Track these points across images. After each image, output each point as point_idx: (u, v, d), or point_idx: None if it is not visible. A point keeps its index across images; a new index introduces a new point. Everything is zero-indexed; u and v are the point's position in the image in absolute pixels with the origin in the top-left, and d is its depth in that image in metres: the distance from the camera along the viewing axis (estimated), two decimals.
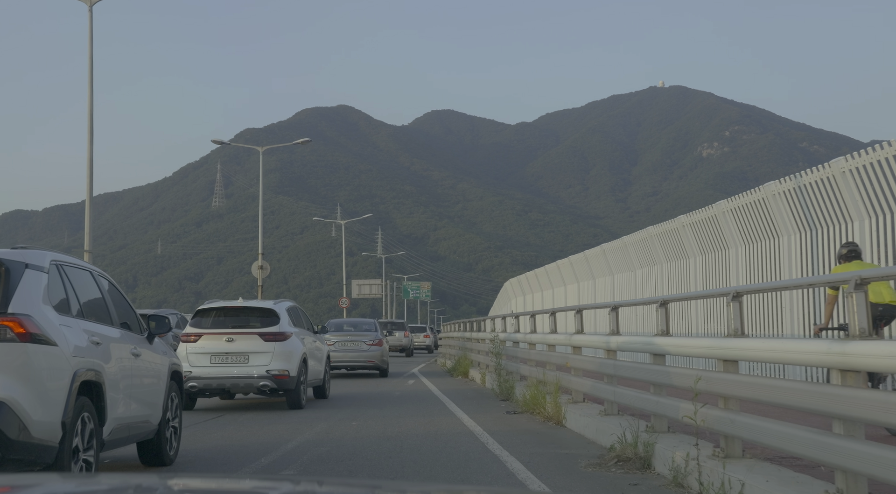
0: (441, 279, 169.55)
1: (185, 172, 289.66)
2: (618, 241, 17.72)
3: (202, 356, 11.76)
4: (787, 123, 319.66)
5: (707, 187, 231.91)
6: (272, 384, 11.65)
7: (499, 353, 13.84)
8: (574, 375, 9.54)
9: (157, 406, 6.81)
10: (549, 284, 25.31)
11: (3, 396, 4.81)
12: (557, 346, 10.79)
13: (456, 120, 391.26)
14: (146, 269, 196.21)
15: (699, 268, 14.23)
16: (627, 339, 7.63)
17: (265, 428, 9.63)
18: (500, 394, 13.24)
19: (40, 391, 5.01)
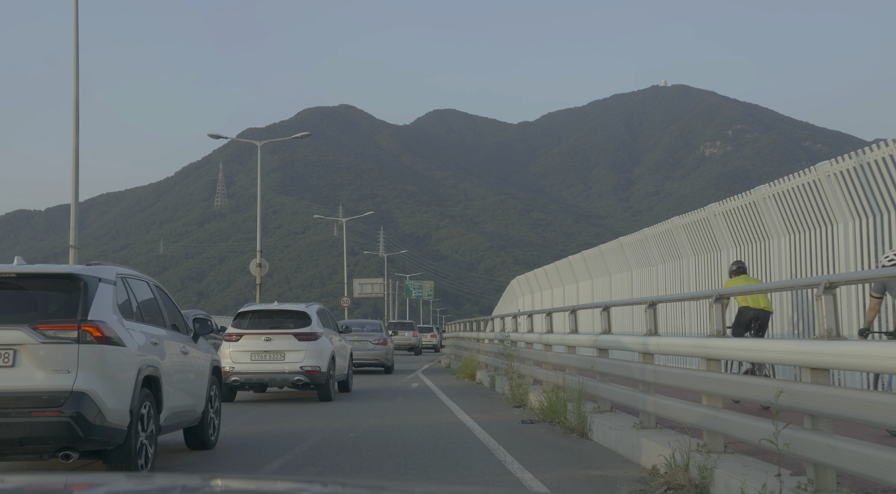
0: (443, 279, 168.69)
1: (187, 172, 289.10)
2: (638, 234, 16.51)
3: (243, 353, 13.21)
4: (790, 121, 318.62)
5: (710, 186, 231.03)
6: (305, 378, 13.09)
7: (510, 355, 12.80)
8: (600, 381, 8.52)
9: (201, 397, 7.84)
10: (560, 281, 24.06)
11: (84, 388, 5.75)
12: (578, 348, 9.88)
13: (458, 119, 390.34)
14: (148, 269, 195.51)
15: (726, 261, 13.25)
16: (672, 341, 6.61)
17: (302, 418, 10.94)
18: (512, 400, 12.27)
19: (113, 384, 5.94)
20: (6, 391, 5.72)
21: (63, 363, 5.83)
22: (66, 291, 6.06)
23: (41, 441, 5.73)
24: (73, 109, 18.47)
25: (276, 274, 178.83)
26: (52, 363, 5.82)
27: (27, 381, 5.78)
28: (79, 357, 5.85)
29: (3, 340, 5.79)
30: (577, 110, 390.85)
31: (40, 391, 5.76)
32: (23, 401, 5.72)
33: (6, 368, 5.78)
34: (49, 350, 5.82)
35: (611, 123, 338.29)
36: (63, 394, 5.77)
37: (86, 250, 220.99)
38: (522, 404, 11.61)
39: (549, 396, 9.49)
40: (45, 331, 5.85)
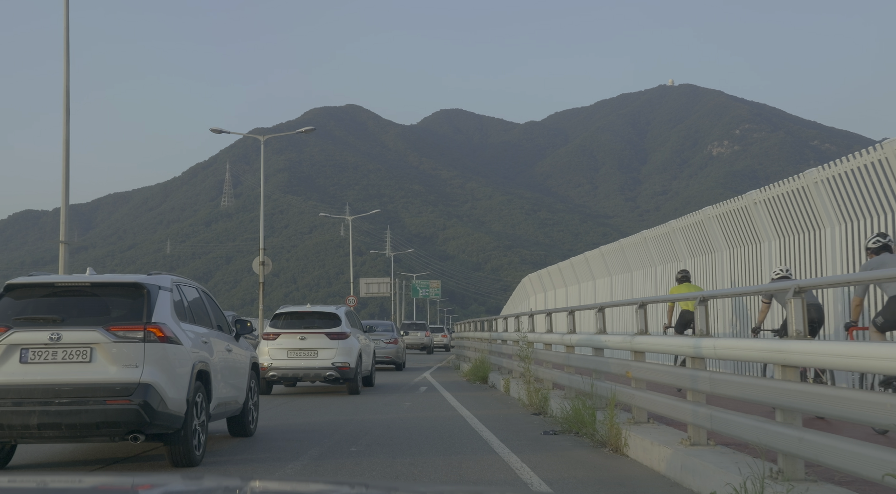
0: (450, 279, 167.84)
1: (194, 172, 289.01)
2: (664, 226, 15.53)
3: (280, 350, 14.61)
4: (798, 121, 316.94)
5: (717, 185, 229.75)
6: (336, 373, 14.51)
7: (527, 357, 11.75)
8: (635, 388, 7.48)
9: (242, 390, 8.80)
10: (575, 278, 22.89)
11: (150, 380, 6.63)
12: (607, 350, 8.84)
13: (464, 119, 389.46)
14: (155, 268, 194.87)
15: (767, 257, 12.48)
16: (733, 343, 5.63)
17: (334, 409, 12.25)
18: (529, 406, 11.37)
19: (172, 377, 6.82)
20: (85, 383, 6.63)
21: (131, 359, 6.73)
22: (132, 297, 7.02)
23: (114, 426, 6.62)
24: (62, 101, 17.69)
25: (282, 274, 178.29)
26: (123, 359, 6.72)
27: (102, 374, 6.68)
28: (144, 354, 6.76)
29: (82, 339, 6.70)
30: (584, 110, 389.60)
31: (113, 383, 6.66)
32: (99, 391, 6.63)
33: (84, 363, 6.68)
34: (120, 348, 6.73)
35: (618, 123, 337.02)
36: (132, 385, 6.66)
37: (93, 251, 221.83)
38: (542, 410, 10.71)
39: (573, 403, 8.56)
40: (117, 332, 6.76)
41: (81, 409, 6.53)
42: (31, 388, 6.60)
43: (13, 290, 7.05)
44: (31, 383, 6.61)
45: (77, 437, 6.70)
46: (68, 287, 7.06)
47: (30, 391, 6.59)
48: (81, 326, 6.75)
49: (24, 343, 6.70)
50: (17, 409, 6.49)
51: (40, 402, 6.55)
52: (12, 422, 6.49)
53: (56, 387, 6.60)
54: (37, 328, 6.74)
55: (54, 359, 6.69)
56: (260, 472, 6.85)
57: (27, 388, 6.59)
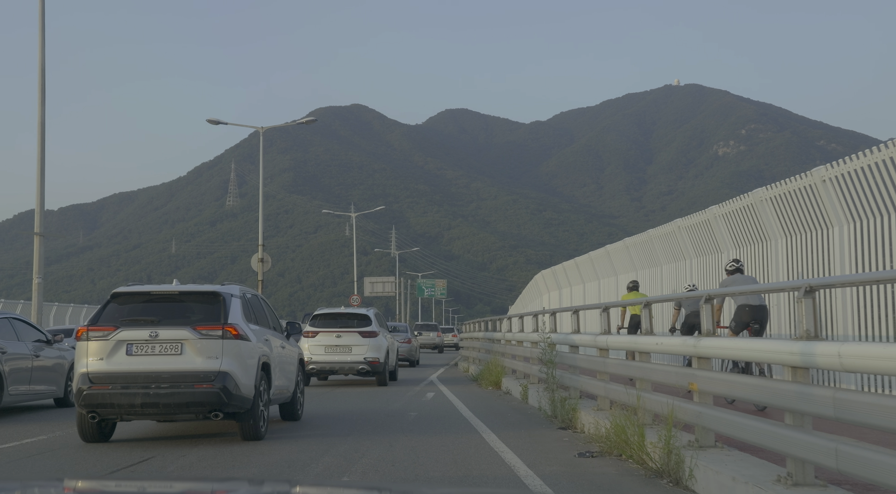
0: (455, 279, 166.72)
1: (199, 172, 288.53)
2: (700, 214, 14.27)
3: (319, 347, 16.88)
4: (804, 121, 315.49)
5: (723, 185, 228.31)
6: (368, 367, 16.75)
7: (551, 361, 10.36)
8: (700, 404, 6.02)
9: (292, 380, 10.29)
10: (594, 274, 21.41)
11: (227, 369, 8.20)
12: (654, 354, 7.38)
13: (470, 119, 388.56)
14: (160, 268, 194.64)
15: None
16: (867, 349, 4.18)
17: (366, 398, 13.89)
18: (553, 418, 9.94)
19: (244, 367, 8.38)
20: (177, 371, 8.16)
21: (213, 352, 8.25)
22: (211, 303, 8.52)
23: (200, 405, 8.14)
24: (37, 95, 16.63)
25: (287, 274, 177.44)
26: (206, 352, 8.24)
27: (190, 364, 8.19)
28: (223, 348, 8.28)
29: (174, 336, 8.23)
30: (590, 110, 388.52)
31: (199, 371, 8.18)
32: (188, 378, 8.16)
33: (176, 355, 8.21)
34: (203, 344, 8.24)
35: (623, 123, 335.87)
36: (213, 373, 8.18)
37: (98, 250, 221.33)
38: (570, 424, 9.29)
39: (615, 419, 7.09)
40: (201, 330, 8.27)
41: (175, 391, 8.11)
42: (136, 375, 8.20)
43: (118, 297, 8.60)
44: (135, 371, 8.21)
45: (171, 414, 8.28)
46: (161, 295, 8.59)
47: (134, 377, 8.19)
48: (173, 325, 8.31)
49: (130, 339, 8.29)
50: (125, 391, 8.12)
51: (143, 386, 8.14)
52: (121, 402, 8.11)
53: (155, 374, 8.17)
54: (139, 327, 8.30)
55: (153, 352, 8.27)
56: (315, 447, 8.15)
57: (132, 375, 8.20)
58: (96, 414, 8.26)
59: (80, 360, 8.33)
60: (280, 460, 7.37)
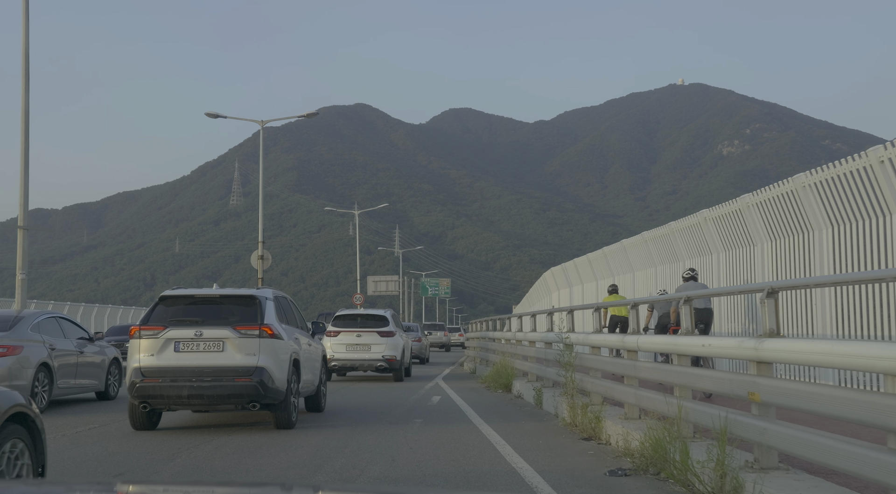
0: (458, 278, 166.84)
1: (203, 171, 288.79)
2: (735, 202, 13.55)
3: (341, 345, 18.22)
4: (809, 120, 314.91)
5: (728, 185, 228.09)
6: (386, 364, 18.11)
7: (569, 363, 9.61)
8: (759, 417, 5.15)
9: (317, 375, 11.13)
10: (609, 270, 20.39)
11: (264, 365, 9.02)
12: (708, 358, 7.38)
13: (474, 118, 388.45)
14: (164, 267, 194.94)
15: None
16: None
17: (386, 393, 14.80)
18: (572, 426, 9.07)
19: (278, 363, 9.20)
20: (220, 366, 9.03)
21: (251, 350, 9.08)
22: (248, 305, 9.40)
23: (239, 397, 9.01)
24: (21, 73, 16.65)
25: (291, 273, 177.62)
26: (245, 350, 9.08)
27: (231, 360, 9.06)
28: (259, 346, 9.11)
29: (216, 335, 9.09)
30: (594, 109, 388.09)
31: (239, 367, 9.02)
32: (229, 372, 9.01)
33: (219, 352, 9.08)
34: (242, 342, 9.08)
35: (627, 122, 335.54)
36: (251, 368, 9.02)
37: (102, 249, 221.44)
38: (593, 434, 8.33)
39: (651, 432, 6.20)
40: (240, 330, 9.11)
41: (217, 384, 8.97)
42: (183, 369, 9.04)
43: (165, 300, 9.51)
44: (182, 366, 9.05)
45: (213, 405, 9.11)
46: (204, 298, 9.52)
47: (181, 371, 9.03)
48: (216, 325, 9.16)
49: (177, 338, 9.14)
50: (173, 384, 8.97)
51: (189, 379, 8.99)
52: (170, 394, 8.97)
53: (200, 369, 9.03)
54: (185, 327, 9.16)
55: (198, 349, 9.12)
56: (339, 437, 8.73)
57: (179, 369, 9.04)
58: (147, 404, 9.12)
59: (132, 356, 9.20)
60: (309, 447, 8.03)
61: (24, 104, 17.22)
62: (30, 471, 4.42)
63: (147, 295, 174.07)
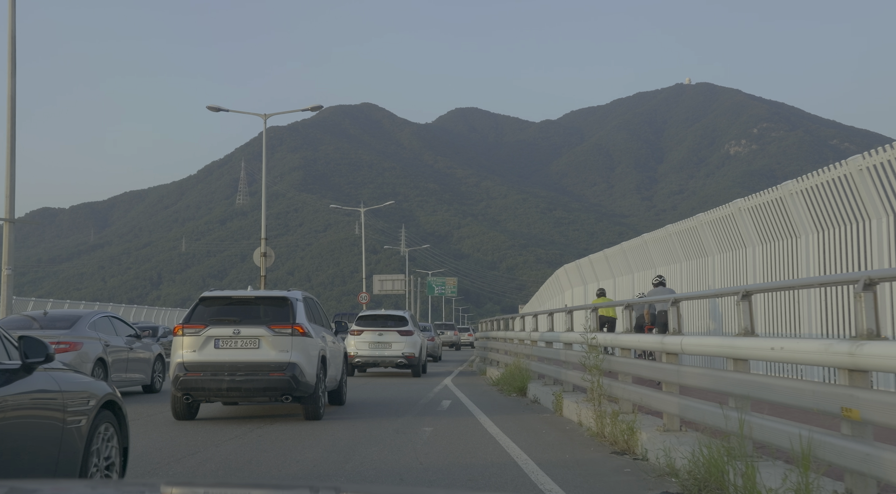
0: (465, 278, 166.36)
1: (210, 170, 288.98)
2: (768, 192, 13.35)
3: (364, 343, 19.59)
4: (817, 120, 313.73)
5: (735, 184, 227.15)
6: (405, 361, 19.49)
7: (596, 367, 8.72)
8: (858, 439, 4.20)
9: (339, 371, 11.98)
10: (628, 267, 19.64)
11: (295, 360, 9.83)
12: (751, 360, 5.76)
13: (480, 118, 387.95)
14: (170, 266, 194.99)
15: None
16: None
17: (406, 388, 15.86)
18: (600, 437, 8.12)
19: (308, 359, 10.01)
20: (256, 362, 9.78)
21: (284, 347, 9.84)
22: (281, 306, 10.14)
23: (273, 390, 9.78)
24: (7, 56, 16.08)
25: (297, 272, 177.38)
26: (278, 347, 9.84)
27: (266, 356, 9.81)
28: (292, 343, 9.87)
29: (253, 333, 9.84)
30: (600, 109, 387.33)
31: (273, 362, 9.79)
32: (264, 367, 9.77)
33: (255, 349, 9.83)
34: (276, 339, 9.84)
35: (634, 122, 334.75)
36: (285, 364, 9.78)
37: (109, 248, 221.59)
38: (627, 448, 7.36)
39: (708, 450, 5.21)
40: (274, 329, 9.86)
41: (254, 378, 9.74)
42: (222, 364, 9.79)
43: (205, 300, 10.28)
44: (222, 361, 9.80)
45: (250, 397, 9.93)
46: (240, 299, 10.32)
47: (221, 366, 9.79)
48: (252, 324, 9.92)
49: (217, 335, 9.89)
50: (213, 378, 9.76)
51: (228, 374, 9.75)
52: (210, 387, 9.76)
53: (238, 364, 9.79)
54: (224, 326, 9.91)
55: (236, 346, 9.88)
56: (362, 427, 9.44)
57: (219, 364, 9.80)
58: (190, 396, 9.91)
59: (176, 352, 9.98)
60: (337, 437, 8.67)
61: (11, 91, 16.57)
62: (118, 452, 5.07)
63: (153, 294, 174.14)
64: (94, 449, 4.78)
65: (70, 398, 4.57)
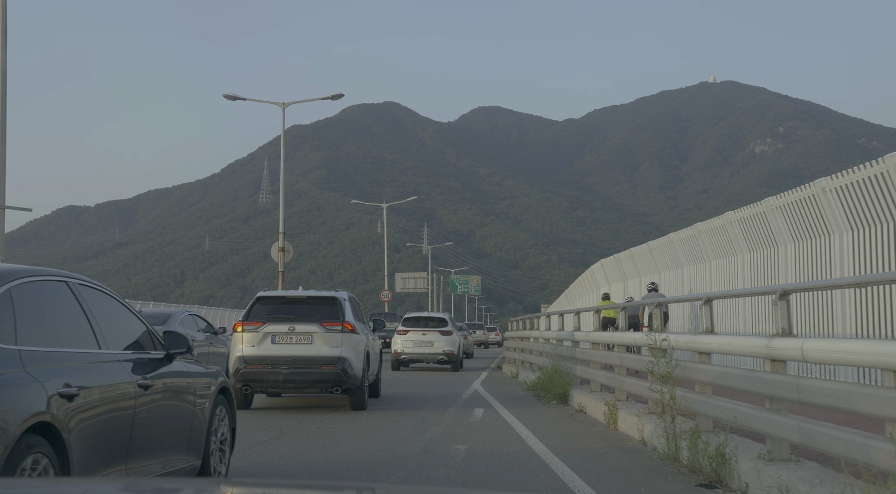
0: (487, 277, 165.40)
1: (233, 169, 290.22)
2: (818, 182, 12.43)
3: (409, 342, 21.82)
4: (845, 118, 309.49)
5: (760, 184, 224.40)
6: (445, 357, 21.82)
7: (669, 375, 7.07)
8: None
9: (377, 366, 12.84)
10: (677, 261, 17.96)
11: (345, 355, 10.77)
12: None
13: (502, 116, 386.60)
14: (194, 264, 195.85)
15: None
16: None
17: (447, 382, 17.15)
18: (672, 460, 6.80)
19: (355, 354, 10.95)
20: (309, 356, 10.73)
21: (335, 343, 10.79)
22: (331, 305, 11.13)
23: (325, 382, 10.77)
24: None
25: (319, 271, 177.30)
26: (330, 343, 10.80)
27: (319, 351, 10.77)
28: (342, 340, 10.82)
29: (307, 330, 10.80)
30: (624, 107, 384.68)
31: (325, 357, 10.73)
32: (317, 361, 10.73)
33: (308, 344, 10.79)
34: (328, 336, 10.81)
35: (658, 121, 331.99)
36: (335, 358, 10.72)
37: (133, 246, 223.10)
38: (716, 479, 5.92)
39: None
40: (326, 326, 10.84)
41: (308, 371, 10.66)
42: (279, 358, 10.68)
43: (262, 300, 11.21)
44: (278, 355, 10.67)
45: (303, 389, 10.90)
46: (294, 298, 11.24)
47: (278, 360, 10.68)
48: (306, 322, 10.84)
49: (274, 332, 10.78)
50: (271, 370, 10.66)
51: (284, 367, 10.63)
52: (268, 379, 10.69)
53: (293, 358, 10.68)
54: (280, 323, 10.81)
55: (291, 341, 10.77)
56: (405, 419, 10.16)
57: (276, 358, 10.69)
58: (249, 387, 10.86)
59: (236, 346, 10.91)
60: (381, 426, 9.47)
61: (1, 66, 15.49)
62: (228, 430, 5.87)
63: (177, 292, 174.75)
64: (213, 428, 5.55)
65: (198, 384, 5.37)
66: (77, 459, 3.81)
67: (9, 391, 3.54)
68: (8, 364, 3.63)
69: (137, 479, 4.08)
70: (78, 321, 4.37)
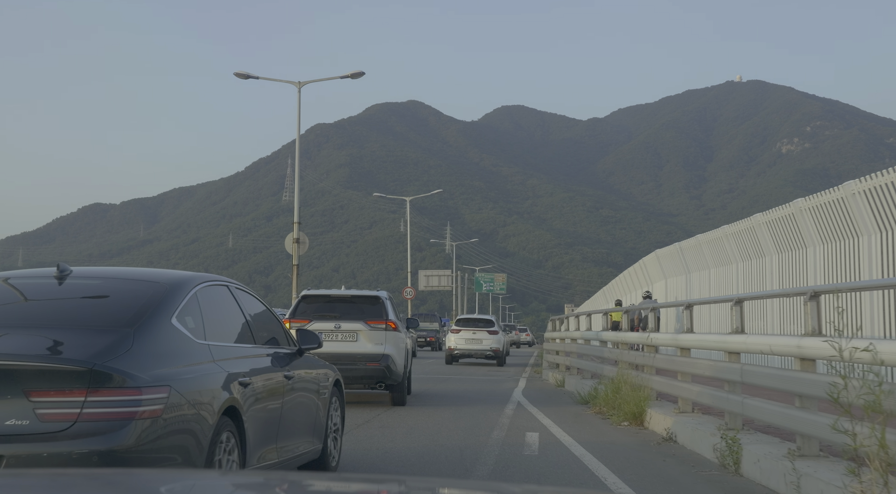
0: (510, 276, 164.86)
1: (257, 167, 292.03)
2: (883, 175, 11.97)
3: (462, 339, 24.77)
4: (873, 118, 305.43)
5: (787, 184, 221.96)
6: (492, 353, 24.93)
7: (877, 404, 4.19)
8: None
9: (409, 362, 12.81)
10: (756, 252, 15.80)
11: (389, 352, 11.27)
12: None
13: (526, 115, 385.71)
14: (218, 262, 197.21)
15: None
16: None
17: (495, 378, 18.83)
18: None
19: (398, 352, 11.48)
20: (355, 353, 11.20)
21: (379, 340, 11.30)
22: (374, 304, 11.65)
23: (370, 378, 11.22)
24: None
25: (342, 269, 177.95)
26: (374, 340, 11.30)
27: (363, 348, 11.26)
28: (385, 337, 11.34)
29: (352, 328, 11.33)
30: (649, 106, 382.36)
31: (369, 354, 11.20)
32: (362, 358, 11.19)
33: (353, 342, 11.28)
34: (372, 334, 11.33)
35: (683, 120, 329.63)
36: (379, 355, 11.19)
37: (158, 244, 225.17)
38: None
39: None
40: (370, 324, 11.35)
41: (353, 367, 10.99)
42: (325, 355, 10.26)
43: (307, 298, 11.72)
44: (325, 352, 10.38)
45: (349, 384, 11.09)
46: (338, 297, 11.74)
47: (324, 357, 10.24)
48: (351, 320, 11.32)
49: (320, 329, 11.04)
50: None
51: (331, 363, 12.05)
52: None
53: (339, 355, 10.89)
54: (326, 321, 11.31)
55: (336, 339, 11.20)
56: (444, 414, 10.55)
57: (323, 355, 10.24)
58: None
59: None
60: (421, 420, 9.90)
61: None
62: (339, 418, 6.49)
63: None
64: (330, 415, 6.13)
65: (320, 377, 6.02)
66: (250, 438, 4.47)
67: (209, 379, 4.18)
68: (203, 357, 4.26)
69: (284, 473, 4.21)
70: (238, 320, 5.04)
